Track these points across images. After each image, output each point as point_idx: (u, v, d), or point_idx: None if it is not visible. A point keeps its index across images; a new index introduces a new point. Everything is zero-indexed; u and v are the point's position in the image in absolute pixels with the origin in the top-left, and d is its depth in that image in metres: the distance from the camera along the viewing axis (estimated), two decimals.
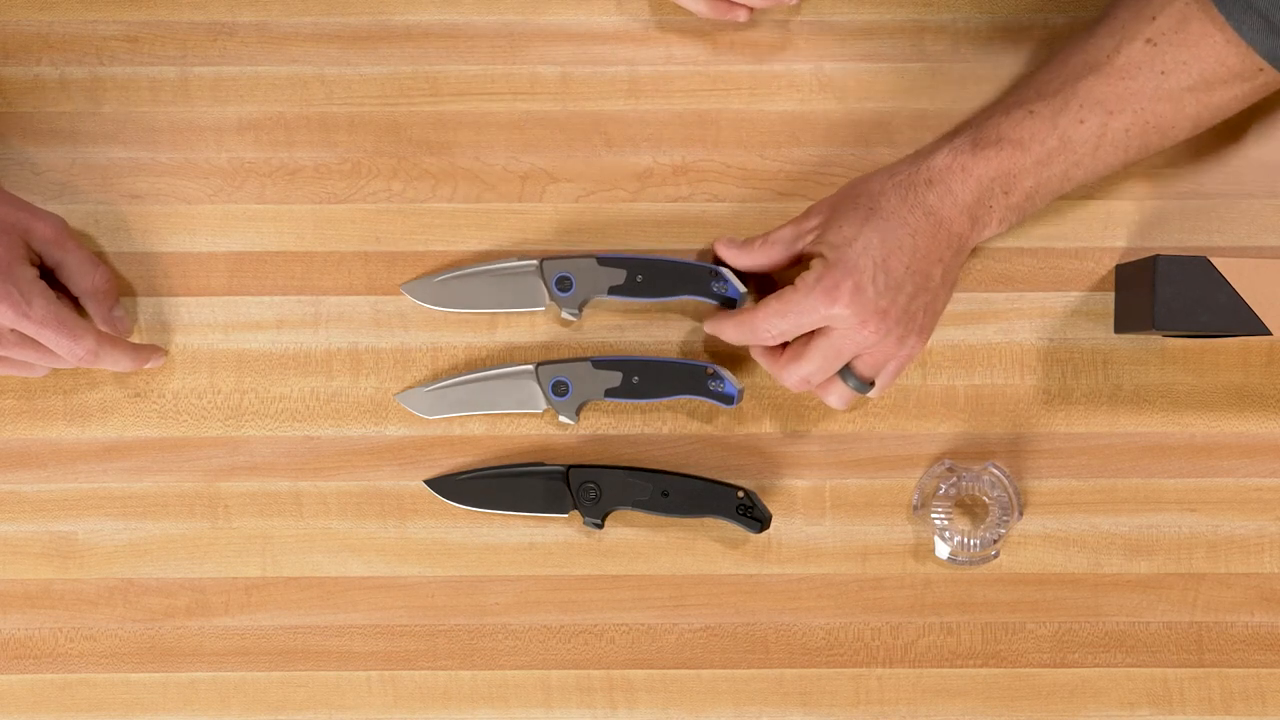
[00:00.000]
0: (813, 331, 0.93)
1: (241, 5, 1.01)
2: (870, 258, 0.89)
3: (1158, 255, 0.94)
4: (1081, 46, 0.93)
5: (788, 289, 0.92)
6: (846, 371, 0.94)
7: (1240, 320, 0.94)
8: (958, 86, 1.01)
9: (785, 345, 0.95)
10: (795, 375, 0.94)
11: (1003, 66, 1.01)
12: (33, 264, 0.96)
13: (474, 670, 1.02)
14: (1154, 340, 1.02)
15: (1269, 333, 0.94)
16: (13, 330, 0.94)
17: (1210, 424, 1.02)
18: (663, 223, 1.01)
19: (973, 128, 0.93)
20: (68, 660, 1.02)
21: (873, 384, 0.95)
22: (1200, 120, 0.92)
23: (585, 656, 1.02)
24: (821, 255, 0.91)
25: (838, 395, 0.95)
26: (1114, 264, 1.02)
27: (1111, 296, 1.02)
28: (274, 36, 1.01)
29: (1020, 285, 1.02)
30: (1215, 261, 0.93)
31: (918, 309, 0.92)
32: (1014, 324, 1.02)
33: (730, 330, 0.96)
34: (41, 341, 0.94)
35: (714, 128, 1.01)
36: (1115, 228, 1.02)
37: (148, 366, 1.00)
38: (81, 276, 0.98)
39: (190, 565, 1.02)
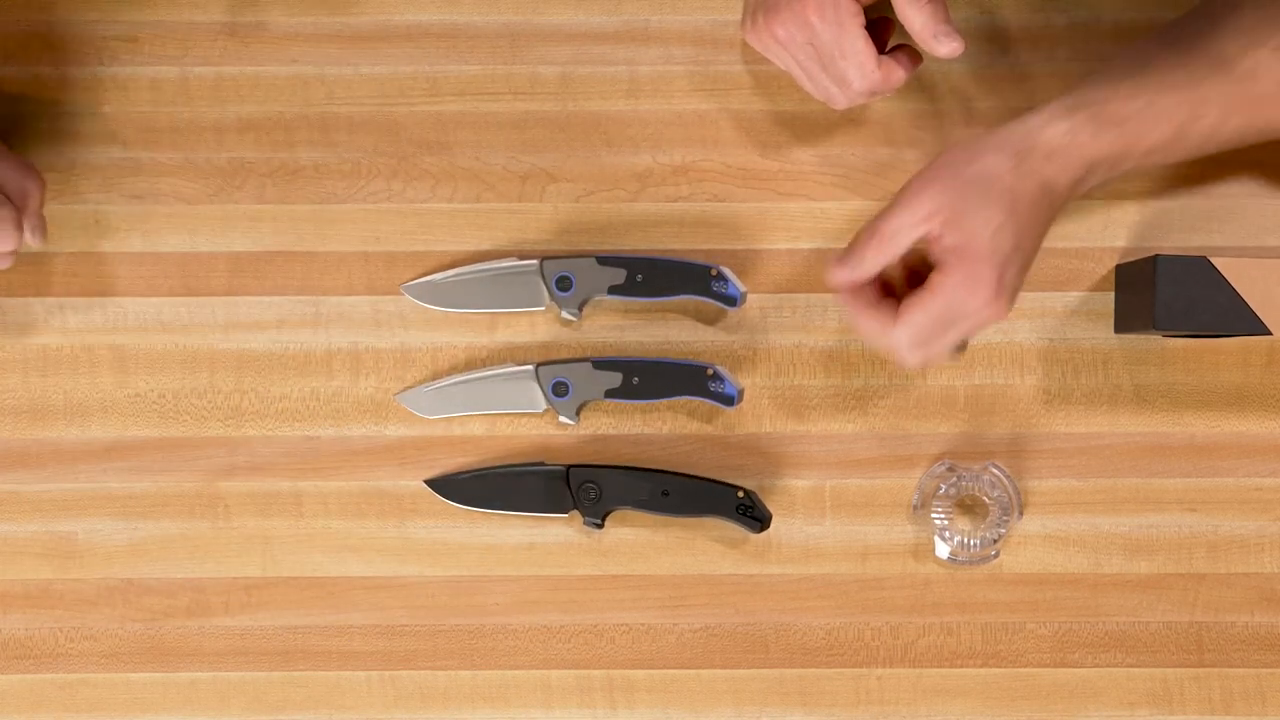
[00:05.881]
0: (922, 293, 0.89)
1: (241, 5, 1.01)
2: (1008, 244, 0.87)
3: (1158, 255, 0.94)
4: (1206, 40, 0.91)
5: (924, 296, 0.87)
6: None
7: (1240, 320, 0.94)
8: (958, 87, 1.01)
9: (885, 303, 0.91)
10: (917, 353, 0.90)
11: (1003, 67, 1.01)
12: None
13: (474, 670, 1.02)
14: (1154, 340, 1.02)
15: (1269, 333, 0.94)
16: None
17: (1210, 424, 1.02)
18: (663, 223, 1.01)
19: (1091, 104, 0.90)
20: (68, 660, 1.02)
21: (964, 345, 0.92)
22: None
23: (585, 656, 1.02)
24: (953, 249, 0.87)
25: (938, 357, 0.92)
26: (1114, 264, 1.02)
27: (1111, 296, 1.02)
28: (274, 36, 1.01)
29: None
30: (1215, 261, 0.93)
31: (1023, 276, 0.90)
32: (1014, 324, 1.02)
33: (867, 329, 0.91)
34: None
35: (714, 128, 1.01)
36: (1115, 228, 1.02)
37: (31, 241, 0.94)
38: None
39: (190, 565, 1.02)
